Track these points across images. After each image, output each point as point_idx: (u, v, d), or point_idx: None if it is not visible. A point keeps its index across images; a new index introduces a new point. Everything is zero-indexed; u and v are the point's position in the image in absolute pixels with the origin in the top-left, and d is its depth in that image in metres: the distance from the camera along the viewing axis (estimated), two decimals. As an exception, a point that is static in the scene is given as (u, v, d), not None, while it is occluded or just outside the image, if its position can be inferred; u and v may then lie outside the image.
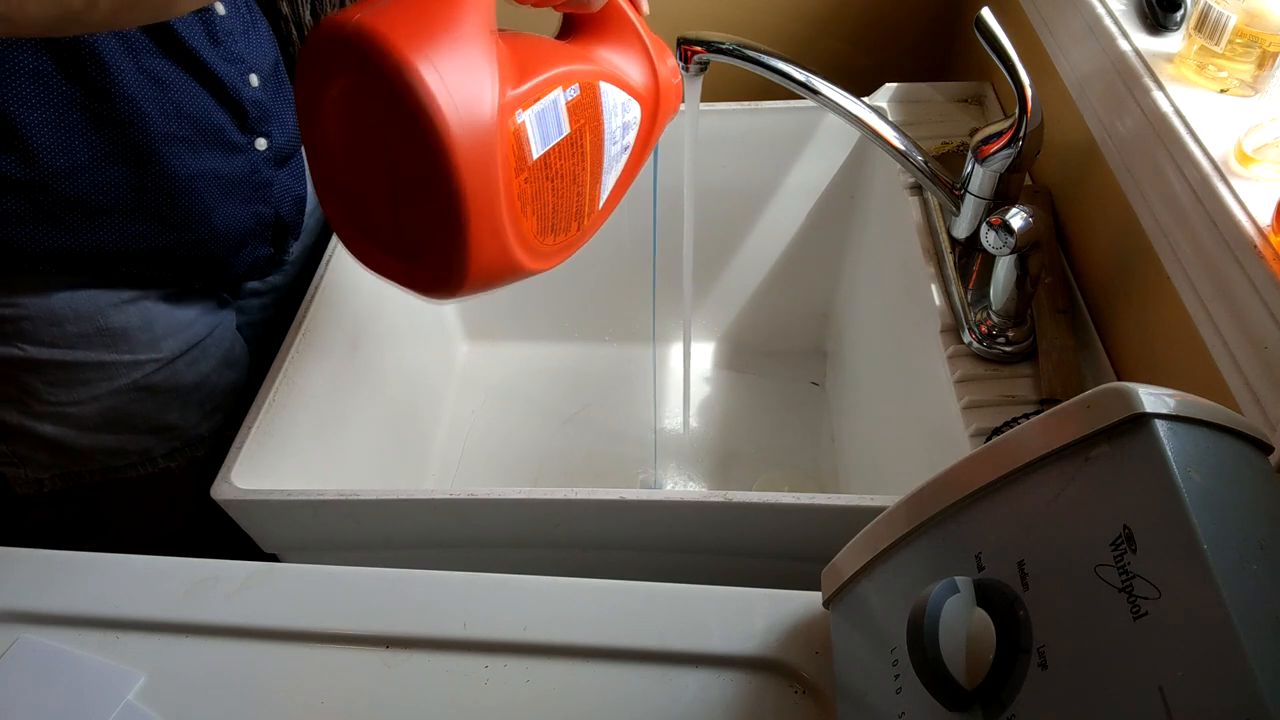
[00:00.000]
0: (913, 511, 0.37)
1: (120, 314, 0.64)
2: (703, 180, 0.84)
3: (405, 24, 0.38)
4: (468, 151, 0.39)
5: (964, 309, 0.65)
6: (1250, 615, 0.25)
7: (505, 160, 0.41)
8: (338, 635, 0.47)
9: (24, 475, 0.68)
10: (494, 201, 0.41)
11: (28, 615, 0.49)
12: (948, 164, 0.68)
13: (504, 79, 0.41)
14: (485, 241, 0.42)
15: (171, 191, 0.62)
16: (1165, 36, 0.58)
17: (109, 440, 0.68)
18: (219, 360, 0.72)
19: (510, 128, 0.41)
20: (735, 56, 0.63)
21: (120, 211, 0.61)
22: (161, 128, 0.60)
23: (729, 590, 0.47)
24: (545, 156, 0.44)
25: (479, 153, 0.40)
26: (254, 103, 0.66)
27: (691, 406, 1.00)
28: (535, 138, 0.43)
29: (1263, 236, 0.44)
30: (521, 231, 0.45)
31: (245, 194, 0.67)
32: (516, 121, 0.41)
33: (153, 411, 0.68)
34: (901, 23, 1.00)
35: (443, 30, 0.39)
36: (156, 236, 0.63)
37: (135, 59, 0.58)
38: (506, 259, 0.44)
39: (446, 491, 0.57)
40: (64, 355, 0.63)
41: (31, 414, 0.65)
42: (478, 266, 0.43)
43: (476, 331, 1.07)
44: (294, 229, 0.75)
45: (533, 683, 0.45)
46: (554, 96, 0.44)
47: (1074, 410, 0.31)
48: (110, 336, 0.64)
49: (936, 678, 0.31)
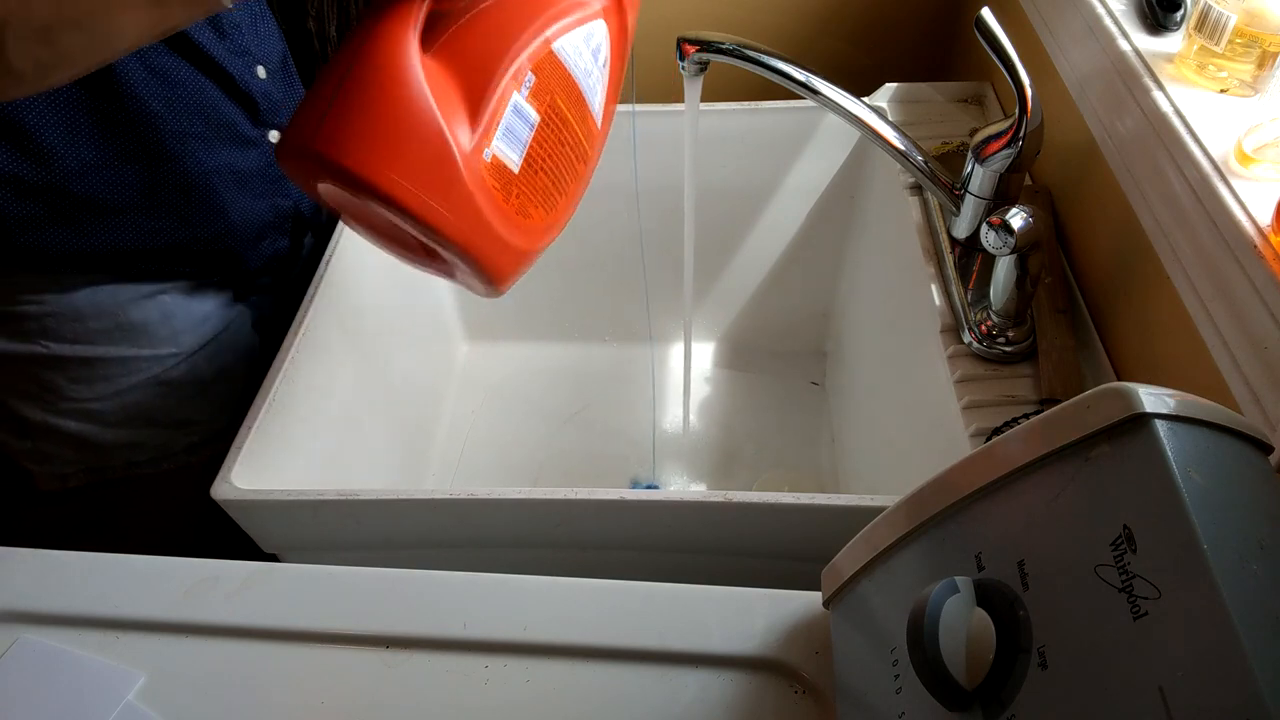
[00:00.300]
0: (913, 511, 0.37)
1: (140, 309, 0.65)
2: (703, 180, 0.83)
3: (354, 134, 0.39)
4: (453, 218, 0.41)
5: (964, 309, 0.65)
6: (1250, 615, 0.25)
7: (487, 199, 0.43)
8: (338, 635, 0.47)
9: (48, 471, 0.69)
10: (491, 236, 0.44)
11: (28, 615, 0.49)
12: (948, 164, 0.68)
13: (457, 122, 0.41)
14: (499, 263, 0.45)
15: (187, 188, 0.62)
16: (1165, 36, 0.58)
17: (131, 435, 0.68)
18: (237, 354, 0.72)
19: (484, 166, 0.42)
20: (735, 56, 0.63)
21: (137, 210, 0.61)
22: (172, 125, 0.60)
23: (729, 590, 0.47)
24: (528, 158, 0.45)
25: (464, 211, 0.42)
26: (264, 95, 0.66)
27: (691, 406, 1.00)
28: (511, 154, 0.44)
29: (1263, 236, 0.44)
30: (532, 226, 0.46)
31: (262, 187, 0.67)
32: (487, 159, 0.42)
33: (173, 406, 0.69)
34: (901, 23, 1.00)
35: (388, 119, 0.40)
36: (174, 233, 0.63)
37: (141, 57, 0.58)
38: (531, 249, 0.47)
39: (446, 491, 0.57)
40: (85, 351, 0.64)
41: (55, 410, 0.65)
42: (506, 272, 0.46)
43: (476, 331, 1.07)
44: (313, 220, 0.75)
45: (533, 683, 0.45)
46: (512, 103, 0.43)
47: (1074, 410, 0.31)
48: (130, 331, 0.65)
49: (936, 678, 0.31)
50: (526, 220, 0.46)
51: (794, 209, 0.93)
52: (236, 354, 0.72)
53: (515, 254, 0.46)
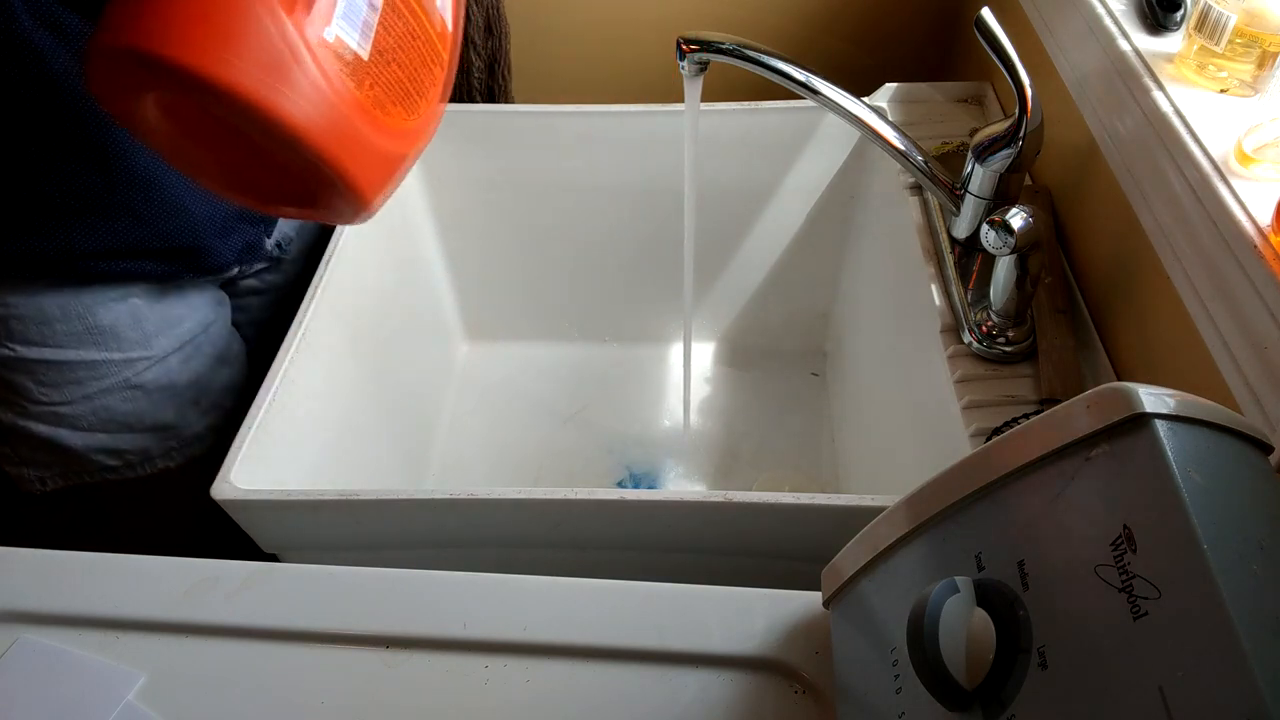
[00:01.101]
0: (913, 511, 0.37)
1: (108, 311, 0.64)
2: (703, 180, 0.83)
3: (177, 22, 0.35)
4: (300, 112, 0.37)
5: (964, 309, 0.65)
6: (1250, 615, 0.25)
7: (340, 87, 0.39)
8: (338, 635, 0.47)
9: (27, 475, 0.68)
10: (351, 131, 0.40)
11: (28, 615, 0.49)
12: (948, 164, 0.68)
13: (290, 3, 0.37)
14: (364, 166, 0.41)
15: (141, 185, 0.61)
16: (1165, 36, 0.58)
17: (105, 440, 0.68)
18: (214, 357, 0.71)
19: (325, 52, 0.38)
20: (735, 56, 0.63)
21: (91, 209, 0.60)
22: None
23: (729, 590, 0.47)
24: (375, 45, 0.41)
25: (315, 99, 0.38)
26: None
27: (691, 406, 1.00)
28: (355, 37, 0.40)
29: (1263, 236, 0.44)
30: (394, 126, 0.42)
31: None
32: (329, 39, 0.38)
33: (147, 410, 0.68)
34: (902, 23, 1.00)
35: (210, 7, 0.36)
36: (132, 231, 0.62)
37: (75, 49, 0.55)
38: (398, 153, 0.43)
39: (446, 491, 0.57)
40: (54, 354, 0.63)
41: (25, 414, 0.65)
42: (370, 185, 0.42)
43: (476, 331, 1.07)
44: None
45: (533, 683, 0.45)
46: None
47: (1074, 410, 0.31)
48: (99, 334, 0.64)
49: (936, 678, 0.31)
50: (386, 116, 0.42)
51: (794, 209, 0.93)
52: (213, 357, 0.71)
53: (381, 158, 0.42)
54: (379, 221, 0.82)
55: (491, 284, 1.02)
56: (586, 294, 1.03)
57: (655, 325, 1.04)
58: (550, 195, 0.93)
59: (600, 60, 1.03)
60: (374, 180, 0.42)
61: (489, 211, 0.95)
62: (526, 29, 0.98)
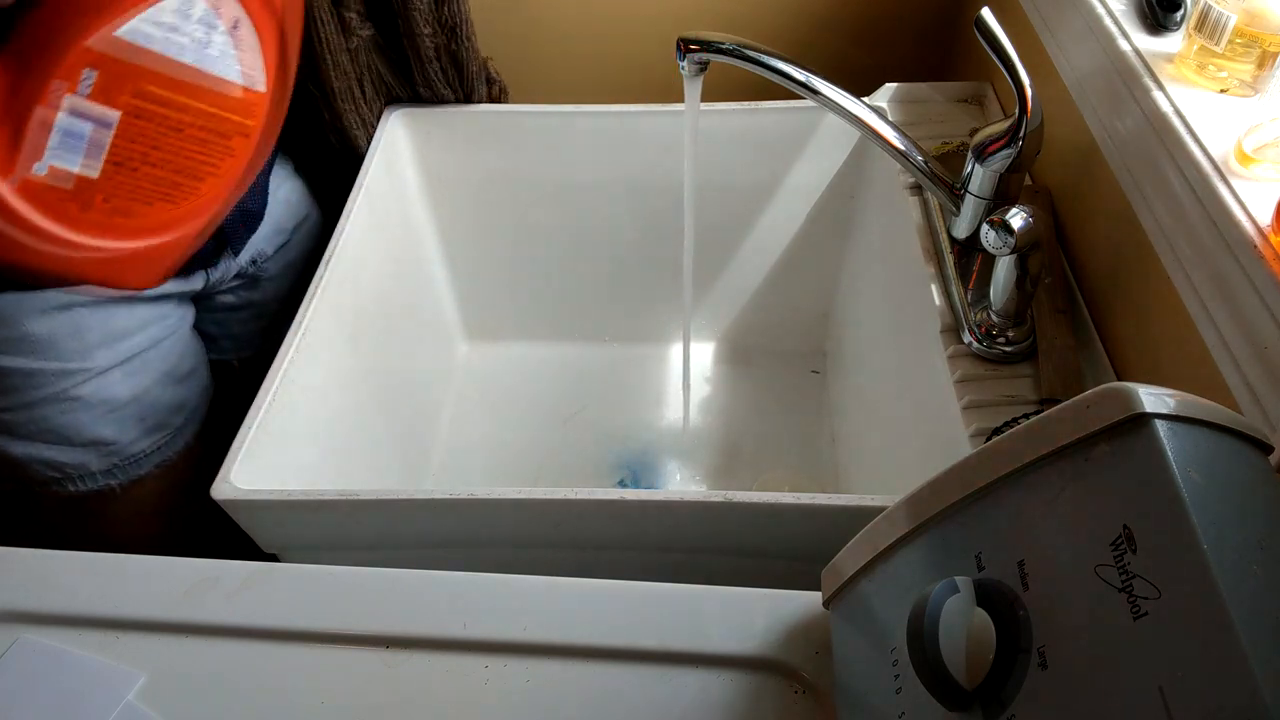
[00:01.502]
0: (913, 511, 0.37)
1: (46, 321, 0.62)
2: (703, 180, 0.83)
3: None
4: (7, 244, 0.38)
5: (964, 309, 0.65)
6: (1250, 615, 0.25)
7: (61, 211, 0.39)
8: (338, 635, 0.47)
9: None
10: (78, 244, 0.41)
11: (28, 615, 0.49)
12: (948, 164, 0.68)
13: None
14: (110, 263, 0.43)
15: None
16: (1165, 36, 0.58)
17: (43, 451, 0.66)
18: (163, 374, 0.69)
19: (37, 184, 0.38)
20: (735, 56, 0.63)
21: None
22: None
23: (729, 590, 0.47)
24: (112, 158, 0.41)
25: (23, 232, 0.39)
26: None
27: (691, 406, 1.00)
28: (78, 161, 0.40)
29: (1263, 236, 0.44)
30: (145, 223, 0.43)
31: None
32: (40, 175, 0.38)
33: (85, 424, 0.66)
34: (902, 23, 1.00)
35: None
36: None
37: None
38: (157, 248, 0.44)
39: (446, 491, 0.57)
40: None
41: None
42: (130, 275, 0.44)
43: (476, 331, 1.07)
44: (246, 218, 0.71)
45: (533, 683, 0.45)
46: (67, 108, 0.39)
47: (1074, 410, 0.31)
48: (35, 343, 0.62)
49: (936, 678, 0.31)
50: (130, 220, 0.43)
51: (794, 209, 0.93)
52: (160, 374, 0.68)
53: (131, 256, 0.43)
54: (379, 221, 0.82)
55: (491, 284, 1.02)
56: (586, 294, 1.03)
57: (655, 325, 1.04)
58: (550, 195, 0.93)
59: (600, 60, 1.03)
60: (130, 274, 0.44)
61: (489, 211, 0.95)
62: (527, 29, 0.98)
